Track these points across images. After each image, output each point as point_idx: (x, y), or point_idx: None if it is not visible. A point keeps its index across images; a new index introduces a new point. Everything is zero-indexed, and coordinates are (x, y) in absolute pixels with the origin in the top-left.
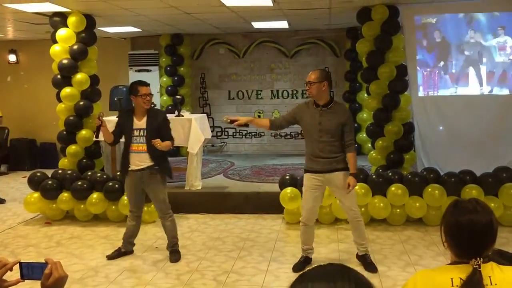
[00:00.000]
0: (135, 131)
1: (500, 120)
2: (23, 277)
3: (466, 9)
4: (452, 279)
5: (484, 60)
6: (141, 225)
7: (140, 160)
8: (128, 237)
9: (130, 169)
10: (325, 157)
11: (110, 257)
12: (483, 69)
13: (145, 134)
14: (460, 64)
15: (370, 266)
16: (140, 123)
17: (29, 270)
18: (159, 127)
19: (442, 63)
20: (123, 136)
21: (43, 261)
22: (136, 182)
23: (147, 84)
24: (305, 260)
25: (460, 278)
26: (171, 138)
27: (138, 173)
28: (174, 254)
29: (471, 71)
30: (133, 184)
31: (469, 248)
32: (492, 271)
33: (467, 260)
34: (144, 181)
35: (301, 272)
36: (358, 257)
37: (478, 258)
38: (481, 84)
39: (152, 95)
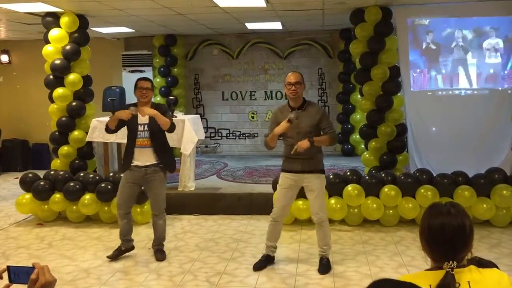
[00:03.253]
0: (140, 126)
1: (492, 121)
2: (11, 281)
3: (459, 12)
4: (430, 285)
5: (474, 61)
6: (134, 226)
7: (144, 156)
8: (124, 236)
9: (134, 164)
10: (301, 158)
11: (112, 257)
12: (473, 70)
13: (147, 128)
14: (450, 65)
15: (323, 268)
16: (144, 118)
17: (15, 275)
18: None
19: (433, 64)
20: (127, 131)
21: (31, 265)
22: (137, 177)
23: (146, 79)
24: (266, 259)
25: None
26: (172, 122)
27: (142, 169)
28: (161, 253)
29: (461, 72)
30: (134, 180)
31: (441, 251)
32: (471, 275)
33: (442, 264)
34: (148, 178)
35: None
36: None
37: (451, 262)
38: (471, 85)
39: (150, 90)
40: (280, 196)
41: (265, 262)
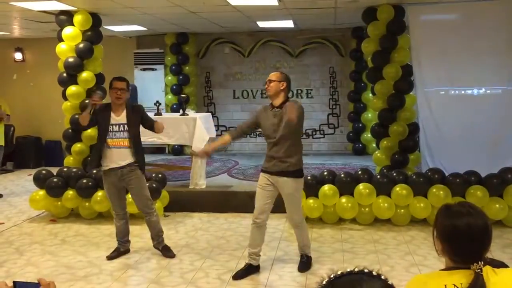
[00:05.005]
0: (113, 126)
1: (505, 120)
2: None
3: (472, 10)
4: (445, 285)
5: (486, 59)
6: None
7: (120, 157)
8: (122, 237)
9: (108, 167)
10: (277, 158)
11: (110, 258)
12: (485, 69)
13: (126, 129)
14: (462, 64)
15: (302, 265)
16: (119, 118)
17: None
18: (141, 120)
19: (445, 62)
20: (98, 130)
21: (36, 281)
22: (116, 181)
23: (122, 79)
24: (248, 268)
25: (454, 285)
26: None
27: (118, 171)
28: (168, 250)
29: (473, 71)
30: (114, 184)
31: (469, 252)
32: (487, 275)
33: (465, 265)
34: (125, 179)
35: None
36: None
37: (479, 262)
38: (484, 84)
39: (126, 90)
40: (257, 196)
41: (246, 271)
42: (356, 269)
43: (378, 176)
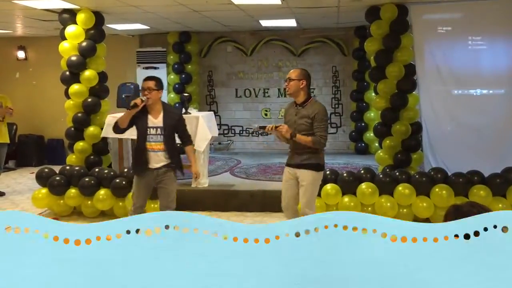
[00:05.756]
0: (151, 129)
1: (508, 120)
2: None
3: (477, 10)
4: None
5: (490, 59)
6: None
7: (155, 159)
8: None
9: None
10: (297, 152)
11: None
12: (489, 69)
13: (162, 132)
14: (466, 63)
15: None
16: (156, 120)
17: None
18: (176, 126)
19: (448, 62)
20: (137, 132)
21: None
22: (151, 181)
23: (149, 78)
24: None
25: None
26: (188, 137)
27: (154, 171)
28: None
29: (477, 70)
30: (148, 183)
31: None
32: None
33: None
34: (159, 179)
35: None
36: None
37: None
38: (486, 84)
39: (154, 89)
40: (282, 188)
41: None
42: None
43: (381, 176)
